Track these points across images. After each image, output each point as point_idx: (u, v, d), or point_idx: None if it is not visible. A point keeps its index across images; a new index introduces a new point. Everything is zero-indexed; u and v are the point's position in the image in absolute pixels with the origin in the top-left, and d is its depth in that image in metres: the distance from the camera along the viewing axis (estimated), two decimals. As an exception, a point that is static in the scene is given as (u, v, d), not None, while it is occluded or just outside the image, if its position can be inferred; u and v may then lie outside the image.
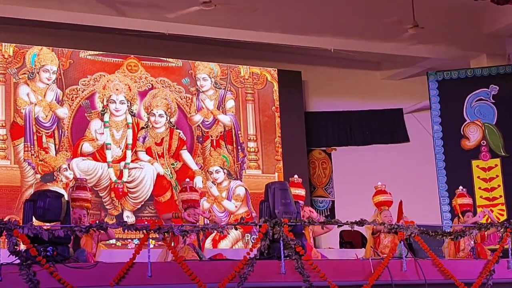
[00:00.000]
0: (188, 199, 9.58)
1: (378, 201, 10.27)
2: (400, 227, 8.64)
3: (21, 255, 6.79)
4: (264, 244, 7.74)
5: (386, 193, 10.28)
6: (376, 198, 10.27)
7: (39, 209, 7.50)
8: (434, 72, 14.74)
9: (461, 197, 10.67)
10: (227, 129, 14.82)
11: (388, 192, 10.28)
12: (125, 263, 7.16)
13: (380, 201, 10.27)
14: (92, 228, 7.40)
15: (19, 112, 13.19)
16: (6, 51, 13.30)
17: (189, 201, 9.56)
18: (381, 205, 10.22)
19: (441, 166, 14.16)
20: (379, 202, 10.26)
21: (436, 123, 14.43)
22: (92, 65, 13.94)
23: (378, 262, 8.21)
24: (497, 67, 14.49)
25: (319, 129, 16.09)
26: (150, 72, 14.33)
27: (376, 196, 10.28)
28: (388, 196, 10.26)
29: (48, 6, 12.42)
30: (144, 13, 12.88)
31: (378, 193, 10.30)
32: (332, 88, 16.09)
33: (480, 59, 14.95)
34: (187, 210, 9.49)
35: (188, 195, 9.60)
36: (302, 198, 9.83)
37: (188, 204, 9.54)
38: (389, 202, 10.25)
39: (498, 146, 14.20)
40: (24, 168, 13.06)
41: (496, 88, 14.33)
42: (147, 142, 14.03)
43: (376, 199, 10.27)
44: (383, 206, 10.19)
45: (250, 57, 15.27)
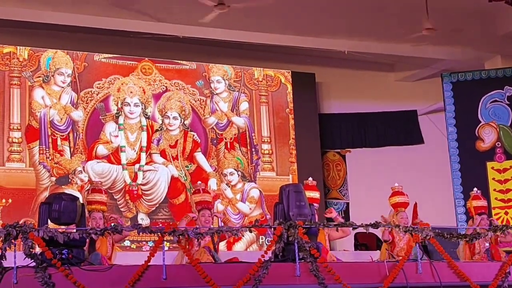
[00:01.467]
0: (201, 200, 9.58)
1: (395, 202, 10.23)
2: (415, 229, 8.60)
3: (37, 258, 6.80)
4: (278, 246, 7.72)
5: (403, 195, 10.24)
6: (393, 199, 10.24)
7: (54, 212, 7.52)
8: (449, 74, 14.70)
9: (476, 199, 10.62)
10: (241, 131, 14.82)
11: (405, 194, 10.24)
12: (140, 265, 7.16)
13: (397, 203, 10.23)
14: (107, 231, 7.41)
15: (34, 115, 13.24)
16: (21, 54, 13.35)
17: (202, 203, 9.56)
18: (398, 207, 10.18)
19: (456, 168, 14.11)
20: (396, 204, 10.22)
21: (451, 124, 14.38)
22: (106, 68, 13.98)
23: (393, 265, 8.19)
24: (511, 69, 14.43)
25: (333, 131, 16.07)
26: (164, 74, 14.35)
27: (393, 197, 10.25)
28: (405, 197, 10.22)
29: (62, 10, 12.49)
30: (159, 16, 12.91)
31: (395, 194, 10.26)
32: (346, 90, 16.07)
33: (494, 60, 14.90)
34: (201, 212, 9.50)
35: (201, 197, 9.60)
36: (317, 201, 9.82)
37: (202, 205, 9.54)
38: (405, 204, 10.22)
39: (512, 147, 14.15)
40: (39, 171, 13.10)
41: (511, 90, 14.27)
42: (161, 145, 14.05)
43: (393, 200, 10.23)
44: (400, 208, 10.16)
45: (264, 59, 15.27)
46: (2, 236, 6.81)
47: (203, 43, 14.22)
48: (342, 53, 14.61)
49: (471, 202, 10.60)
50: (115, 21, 12.97)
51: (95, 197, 9.16)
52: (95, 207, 9.07)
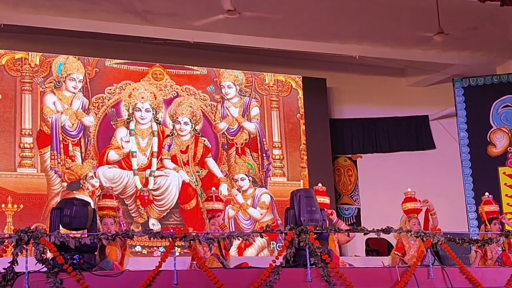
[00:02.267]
0: (212, 209, 9.59)
1: (407, 209, 10.18)
2: (427, 234, 8.58)
3: (48, 263, 6.81)
4: (290, 252, 7.72)
5: (416, 201, 10.19)
6: (406, 205, 10.19)
7: (66, 217, 7.52)
8: (460, 79, 14.68)
9: (488, 204, 10.59)
10: (252, 137, 14.83)
11: (418, 200, 10.20)
12: (151, 271, 7.16)
13: (409, 209, 10.17)
14: (119, 236, 7.42)
15: (45, 120, 13.28)
16: (32, 60, 13.40)
17: (213, 211, 9.57)
18: (410, 213, 10.12)
19: (467, 173, 14.08)
20: (408, 210, 10.16)
21: (462, 129, 14.36)
22: (117, 74, 14.02)
23: (404, 270, 8.17)
24: (523, 73, 14.43)
25: (344, 136, 16.06)
26: (175, 80, 14.38)
27: (406, 203, 10.20)
28: (417, 203, 10.17)
29: (74, 16, 12.53)
30: (169, 21, 12.95)
31: (407, 200, 10.21)
32: (357, 95, 16.07)
33: (506, 65, 14.87)
34: (211, 220, 9.51)
35: (212, 205, 9.61)
36: (327, 206, 9.81)
37: (212, 214, 9.56)
38: (418, 210, 10.17)
39: (525, 152, 14.12)
40: (51, 176, 13.14)
41: (522, 95, 14.27)
42: (172, 150, 14.06)
43: (406, 206, 10.18)
44: (412, 214, 10.11)
45: (275, 65, 15.28)
46: (14, 241, 6.82)
47: (214, 48, 14.25)
48: (353, 58, 14.61)
49: (482, 207, 10.57)
50: (126, 27, 13.01)
51: (106, 202, 9.17)
52: (106, 213, 9.08)
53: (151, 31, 13.20)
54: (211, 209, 9.58)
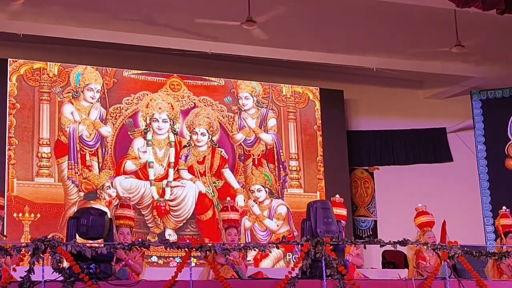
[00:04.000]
0: (227, 219, 9.58)
1: (420, 223, 10.20)
2: (444, 247, 8.55)
3: (65, 272, 6.84)
4: (306, 263, 7.71)
5: (428, 214, 10.20)
6: (418, 219, 10.20)
7: (83, 226, 7.56)
8: (478, 91, 14.65)
9: (504, 217, 10.54)
10: (269, 148, 14.83)
11: (429, 213, 10.20)
12: (167, 281, 7.18)
13: (422, 223, 10.20)
14: (135, 246, 7.44)
15: (63, 130, 13.34)
16: (51, 70, 13.47)
17: (229, 221, 9.55)
18: (424, 226, 10.14)
19: (485, 186, 14.04)
20: (421, 224, 10.18)
21: (480, 142, 14.33)
22: (135, 84, 14.07)
23: (421, 283, 8.14)
24: (541, 86, 14.38)
25: (361, 148, 16.03)
26: (193, 91, 14.41)
27: (418, 218, 10.21)
28: (429, 217, 10.19)
29: (92, 26, 12.61)
30: (187, 32, 12.97)
31: (419, 215, 10.23)
32: (374, 107, 16.04)
33: (524, 78, 14.81)
34: (227, 231, 9.51)
35: (228, 215, 9.61)
36: (344, 218, 9.80)
37: (228, 224, 9.55)
38: (431, 223, 10.18)
39: (543, 167, 14.07)
40: (68, 186, 13.18)
41: (541, 107, 14.22)
42: (189, 161, 14.09)
43: (418, 220, 10.19)
44: (426, 228, 10.11)
45: (292, 76, 15.29)
46: (31, 250, 6.86)
47: (231, 59, 14.28)
48: (370, 70, 14.60)
49: (499, 221, 10.52)
50: (144, 38, 13.07)
51: (123, 212, 9.21)
52: (123, 222, 9.12)
53: (169, 41, 13.24)
54: (227, 219, 9.58)
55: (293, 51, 13.78)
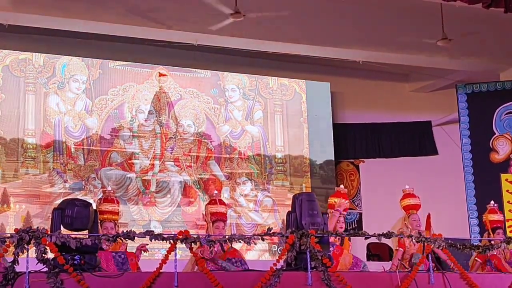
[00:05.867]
0: (216, 212, 9.60)
1: (406, 205, 10.11)
2: (428, 239, 8.58)
3: (49, 263, 6.82)
4: (291, 255, 7.72)
5: (415, 197, 10.12)
6: (404, 201, 10.13)
7: (67, 217, 7.53)
8: (463, 85, 14.67)
9: (492, 213, 10.51)
10: (255, 140, 14.83)
11: (416, 196, 10.15)
12: (151, 272, 7.17)
13: (408, 205, 10.10)
14: (120, 237, 7.42)
15: (48, 121, 13.29)
16: (36, 61, 13.42)
17: (218, 214, 9.59)
18: (409, 209, 10.05)
19: (469, 179, 14.07)
20: (407, 206, 10.09)
21: (465, 136, 14.36)
22: (121, 75, 14.02)
23: (405, 275, 8.16)
24: (527, 80, 14.43)
25: (347, 141, 16.04)
26: (179, 82, 14.39)
27: (404, 200, 10.13)
28: (416, 199, 10.10)
29: (78, 17, 12.51)
30: (173, 24, 12.93)
31: (406, 197, 10.15)
32: (360, 100, 16.06)
33: (510, 71, 14.85)
34: (215, 224, 9.50)
35: (217, 208, 9.62)
36: (346, 209, 9.87)
37: (216, 217, 9.57)
38: (417, 206, 10.08)
39: (527, 159, 14.12)
40: (53, 177, 13.14)
41: (526, 101, 14.27)
42: (175, 152, 14.07)
43: (404, 202, 10.12)
44: (411, 210, 10.04)
45: (279, 68, 15.28)
46: (15, 241, 6.83)
47: (218, 51, 14.26)
48: (356, 63, 14.61)
49: (487, 216, 10.49)
50: (130, 29, 12.99)
51: (107, 207, 9.19)
52: (107, 217, 9.10)
53: (155, 33, 13.19)
54: (215, 212, 9.60)
55: (280, 43, 13.76)
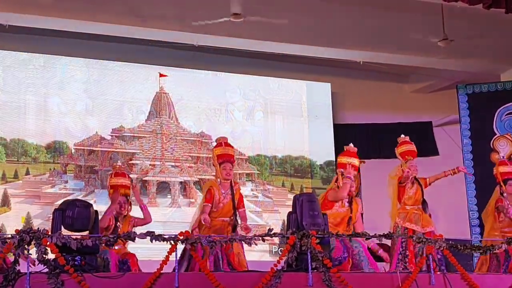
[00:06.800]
0: (222, 153, 9.40)
1: (402, 151, 10.48)
2: (429, 240, 8.58)
3: (50, 264, 6.82)
4: (291, 256, 7.71)
5: (411, 144, 10.39)
6: (401, 148, 10.47)
7: (68, 218, 7.53)
8: (464, 86, 14.66)
9: (503, 165, 10.74)
10: (255, 141, 14.83)
11: (412, 143, 10.39)
12: (152, 273, 7.17)
13: (404, 151, 10.49)
14: (120, 239, 7.43)
15: (49, 122, 13.33)
16: (37, 61, 13.42)
17: (224, 156, 9.37)
18: (406, 155, 10.42)
19: (470, 180, 14.05)
20: (403, 152, 10.46)
21: (466, 136, 14.34)
22: (121, 76, 14.02)
23: (406, 276, 8.16)
24: (528, 80, 14.43)
25: (347, 141, 15.94)
26: (180, 83, 14.39)
27: (401, 147, 10.45)
28: (412, 146, 10.38)
29: (78, 17, 12.50)
30: (174, 24, 12.93)
31: (402, 144, 10.45)
32: (361, 101, 16.05)
33: (510, 72, 14.85)
34: (222, 165, 9.35)
35: (223, 150, 9.43)
36: (356, 168, 10.08)
37: (223, 159, 9.35)
38: (413, 152, 10.40)
39: (528, 160, 14.09)
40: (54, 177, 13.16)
41: (527, 102, 14.28)
42: (175, 153, 14.07)
43: (401, 149, 10.46)
44: (408, 156, 10.28)
45: (279, 69, 15.27)
46: (16, 242, 6.83)
47: (218, 52, 14.26)
48: (357, 64, 14.62)
49: (497, 168, 10.73)
50: (131, 29, 12.99)
51: (118, 181, 9.19)
52: (120, 191, 9.12)
53: (156, 34, 13.19)
54: (221, 154, 9.37)
55: (280, 44, 13.76)
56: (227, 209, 9.17)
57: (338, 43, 13.94)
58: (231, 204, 9.20)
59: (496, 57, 14.64)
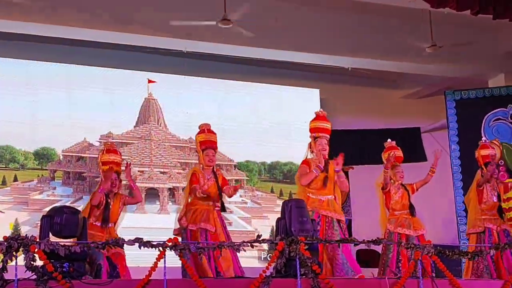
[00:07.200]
0: (205, 140, 9.44)
1: None
2: (417, 246, 8.59)
3: (38, 271, 6.80)
4: (280, 262, 7.71)
5: (397, 149, 10.45)
6: (387, 154, 10.44)
7: (56, 225, 7.51)
8: (452, 92, 14.70)
9: (484, 148, 10.89)
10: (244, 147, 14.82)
11: (399, 148, 10.47)
12: (140, 280, 7.15)
13: None
14: (109, 245, 7.41)
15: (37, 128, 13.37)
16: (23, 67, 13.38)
17: (207, 142, 9.41)
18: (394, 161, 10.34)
19: (458, 185, 14.08)
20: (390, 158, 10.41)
21: (454, 142, 14.39)
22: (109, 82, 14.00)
23: (394, 281, 8.16)
24: (515, 87, 14.49)
25: (336, 147, 15.99)
26: (168, 89, 14.38)
27: (387, 152, 10.43)
28: (398, 151, 10.45)
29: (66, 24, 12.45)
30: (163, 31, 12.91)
31: (388, 149, 10.49)
32: (349, 107, 16.07)
33: (498, 78, 14.92)
34: (204, 152, 9.37)
35: (206, 137, 9.46)
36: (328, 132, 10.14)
37: (206, 145, 9.40)
38: (400, 158, 10.44)
39: (516, 165, 14.17)
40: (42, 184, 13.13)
41: (514, 108, 14.34)
42: (164, 159, 14.05)
43: (387, 155, 10.42)
44: (395, 162, 10.34)
45: (268, 75, 15.29)
46: (4, 248, 6.81)
47: (208, 58, 14.26)
48: (346, 70, 14.67)
49: (479, 152, 10.91)
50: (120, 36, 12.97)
51: (110, 157, 9.18)
52: (110, 168, 9.10)
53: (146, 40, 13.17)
54: (204, 141, 9.42)
55: (269, 50, 13.79)
56: (212, 192, 9.16)
57: (327, 50, 13.98)
58: (215, 187, 9.19)
59: (484, 63, 14.71)
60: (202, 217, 9.00)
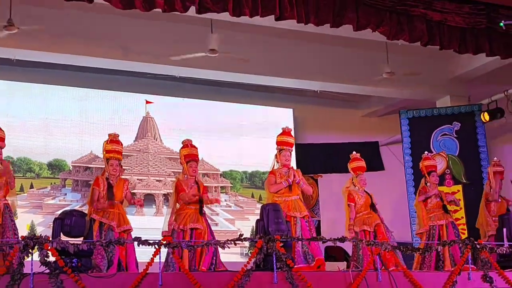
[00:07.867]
0: (189, 153, 9.44)
1: (354, 167, 10.74)
2: (376, 243, 8.66)
3: (51, 266, 6.81)
4: (259, 257, 7.75)
5: (361, 160, 10.59)
6: (352, 164, 10.78)
7: (66, 226, 7.59)
8: (405, 111, 14.80)
9: (427, 160, 11.09)
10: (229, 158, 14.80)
11: (362, 159, 10.59)
12: (139, 273, 7.18)
13: (356, 167, 10.72)
14: (112, 244, 7.42)
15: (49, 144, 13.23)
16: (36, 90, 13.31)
17: (191, 156, 9.42)
18: (357, 170, 10.68)
19: (411, 191, 14.16)
20: (355, 168, 10.71)
21: (407, 154, 14.47)
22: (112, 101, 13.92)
23: (357, 274, 8.22)
24: (459, 107, 14.57)
25: (308, 158, 16.06)
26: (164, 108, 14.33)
27: (352, 163, 10.69)
28: (362, 162, 10.58)
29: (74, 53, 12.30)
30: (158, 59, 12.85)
31: (353, 160, 10.68)
32: (319, 124, 16.11)
33: (444, 99, 15.01)
34: (188, 163, 9.37)
35: (190, 150, 9.47)
36: (291, 145, 10.10)
37: (190, 158, 9.41)
38: (363, 168, 10.58)
39: (459, 174, 14.24)
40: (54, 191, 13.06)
41: (458, 125, 14.41)
42: (159, 169, 14.01)
43: (352, 165, 10.77)
44: (359, 171, 10.61)
45: (250, 97, 15.27)
46: (21, 247, 6.83)
47: (197, 82, 14.26)
48: (315, 92, 14.73)
49: (423, 163, 11.06)
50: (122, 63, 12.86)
51: (113, 147, 9.15)
52: (113, 155, 9.10)
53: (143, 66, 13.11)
54: (188, 154, 9.43)
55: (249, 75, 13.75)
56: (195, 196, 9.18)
57: (300, 75, 14.02)
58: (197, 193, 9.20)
59: (433, 87, 14.84)
60: (191, 219, 9.01)
